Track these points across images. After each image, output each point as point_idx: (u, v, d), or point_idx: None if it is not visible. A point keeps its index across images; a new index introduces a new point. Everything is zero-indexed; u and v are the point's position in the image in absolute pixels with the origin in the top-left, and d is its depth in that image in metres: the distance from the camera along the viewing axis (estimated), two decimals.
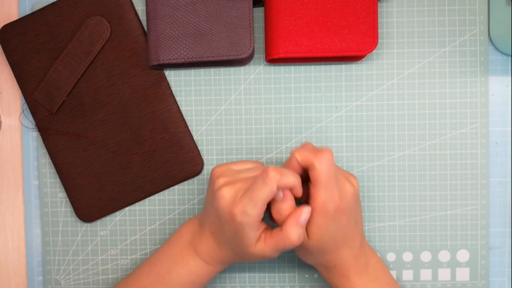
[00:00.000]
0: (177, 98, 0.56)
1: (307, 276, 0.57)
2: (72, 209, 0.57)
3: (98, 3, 0.55)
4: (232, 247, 0.47)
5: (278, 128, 0.56)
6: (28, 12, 0.56)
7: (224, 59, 0.53)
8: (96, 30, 0.54)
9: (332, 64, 0.55)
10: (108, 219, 0.57)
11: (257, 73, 0.56)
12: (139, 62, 0.55)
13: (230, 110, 0.56)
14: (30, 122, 0.57)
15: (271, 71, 0.56)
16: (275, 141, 0.56)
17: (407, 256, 0.56)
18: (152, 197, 0.57)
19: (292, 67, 0.56)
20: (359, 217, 0.49)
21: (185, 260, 0.49)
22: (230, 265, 0.56)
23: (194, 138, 0.56)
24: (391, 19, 0.55)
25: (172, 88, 0.56)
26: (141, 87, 0.55)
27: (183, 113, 0.56)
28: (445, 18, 0.55)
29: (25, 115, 0.57)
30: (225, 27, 0.53)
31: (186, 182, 0.57)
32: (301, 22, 0.52)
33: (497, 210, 0.56)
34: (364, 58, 0.55)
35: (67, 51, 0.54)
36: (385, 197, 0.56)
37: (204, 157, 0.56)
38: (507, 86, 0.55)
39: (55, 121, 0.56)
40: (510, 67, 0.55)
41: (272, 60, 0.54)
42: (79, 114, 0.56)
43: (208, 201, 0.49)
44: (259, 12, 0.55)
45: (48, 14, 0.55)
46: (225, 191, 0.45)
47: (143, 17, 0.56)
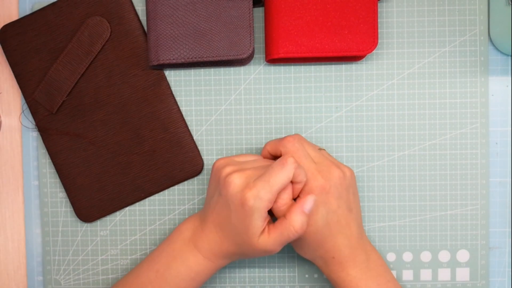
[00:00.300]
0: (177, 98, 0.56)
1: (307, 276, 0.57)
2: (72, 209, 0.57)
3: (98, 3, 0.55)
4: (236, 238, 0.47)
5: (278, 128, 0.56)
6: (28, 12, 0.56)
7: (224, 59, 0.53)
8: (96, 30, 0.54)
9: (332, 64, 0.55)
10: (108, 219, 0.57)
11: (257, 73, 0.56)
12: (139, 62, 0.55)
13: (230, 110, 0.56)
14: (30, 122, 0.57)
15: (271, 71, 0.56)
16: None
17: (407, 256, 0.56)
18: (152, 197, 0.57)
19: (292, 67, 0.56)
20: (354, 206, 0.49)
21: (185, 256, 0.49)
22: (230, 264, 0.56)
23: (194, 138, 0.56)
24: (391, 19, 0.55)
25: (172, 88, 0.56)
26: (141, 87, 0.55)
27: (183, 113, 0.56)
28: (445, 18, 0.55)
29: (25, 115, 0.57)
30: (225, 27, 0.53)
31: (186, 182, 0.57)
32: (301, 22, 0.52)
33: (497, 210, 0.56)
34: (364, 58, 0.55)
35: (67, 51, 0.54)
36: (385, 197, 0.56)
37: (204, 157, 0.56)
38: (507, 86, 0.55)
39: (55, 121, 0.56)
40: (510, 67, 0.55)
41: (272, 60, 0.54)
42: (79, 114, 0.56)
43: (212, 193, 0.49)
44: (259, 12, 0.55)
45: (48, 14, 0.55)
46: (235, 177, 0.46)
47: (143, 17, 0.56)
